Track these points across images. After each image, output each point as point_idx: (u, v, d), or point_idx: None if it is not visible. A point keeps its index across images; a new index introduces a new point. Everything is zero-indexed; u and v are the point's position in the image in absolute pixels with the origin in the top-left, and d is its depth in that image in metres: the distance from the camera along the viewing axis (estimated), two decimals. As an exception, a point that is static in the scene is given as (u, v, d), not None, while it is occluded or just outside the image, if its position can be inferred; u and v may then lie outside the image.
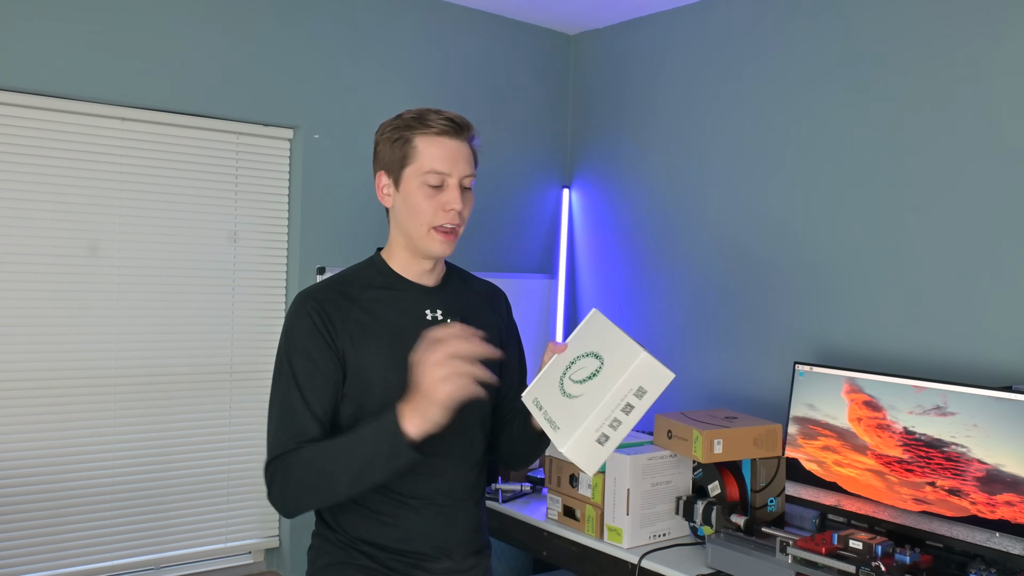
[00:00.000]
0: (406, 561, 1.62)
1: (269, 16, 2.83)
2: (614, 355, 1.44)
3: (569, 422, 1.41)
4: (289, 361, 1.57)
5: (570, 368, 1.50)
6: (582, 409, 1.41)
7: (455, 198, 1.59)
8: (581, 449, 1.39)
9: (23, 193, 2.48)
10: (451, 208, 1.59)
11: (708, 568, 2.21)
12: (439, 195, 1.59)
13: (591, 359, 1.48)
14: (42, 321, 2.51)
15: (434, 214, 1.59)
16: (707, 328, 3.02)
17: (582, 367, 1.48)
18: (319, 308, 1.59)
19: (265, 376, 2.90)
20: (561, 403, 1.46)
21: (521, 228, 3.46)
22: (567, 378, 1.49)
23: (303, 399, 1.55)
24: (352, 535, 1.63)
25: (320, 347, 1.57)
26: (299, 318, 1.59)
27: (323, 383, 1.56)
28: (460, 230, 1.63)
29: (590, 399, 1.41)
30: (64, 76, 2.49)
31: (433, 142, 1.60)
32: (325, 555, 1.66)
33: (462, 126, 1.62)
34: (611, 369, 1.42)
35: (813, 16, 2.74)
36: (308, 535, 1.76)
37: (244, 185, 2.86)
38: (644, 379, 1.40)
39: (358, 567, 1.62)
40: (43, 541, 2.52)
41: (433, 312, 1.67)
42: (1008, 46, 2.30)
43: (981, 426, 2.08)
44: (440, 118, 1.61)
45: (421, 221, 1.60)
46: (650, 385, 1.40)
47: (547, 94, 3.52)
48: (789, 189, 2.80)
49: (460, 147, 1.61)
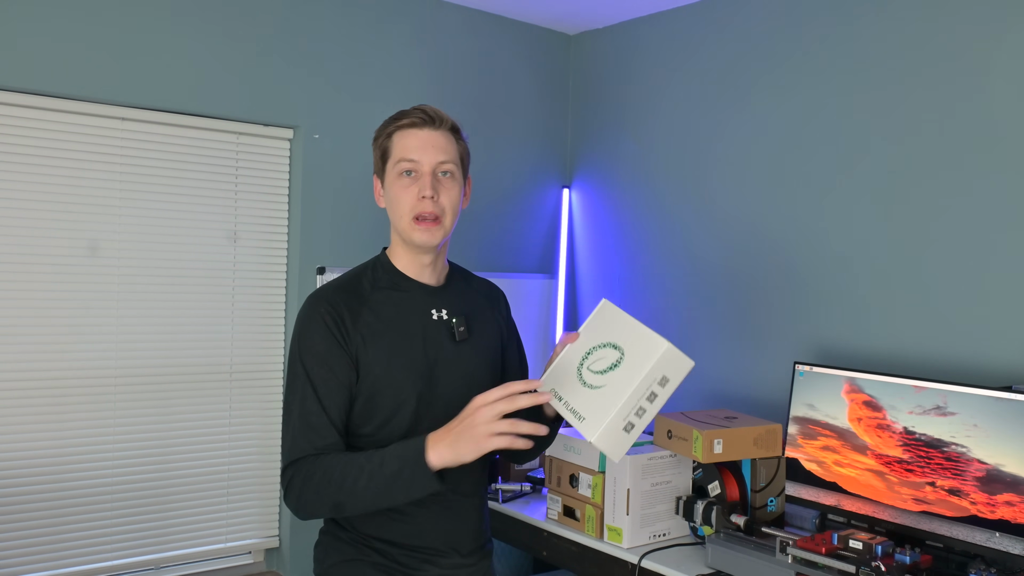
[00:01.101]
0: (417, 556, 1.64)
1: (269, 16, 2.83)
2: (635, 345, 1.48)
3: (596, 412, 1.44)
4: (304, 365, 1.59)
5: (587, 359, 1.53)
6: (608, 399, 1.44)
7: (426, 185, 1.61)
8: (609, 438, 1.42)
9: (23, 193, 2.48)
10: (423, 195, 1.60)
11: (708, 568, 2.21)
12: (413, 185, 1.62)
13: (609, 349, 1.51)
14: (42, 321, 2.51)
15: (412, 204, 1.62)
16: (707, 328, 3.02)
17: (601, 357, 1.51)
18: (332, 311, 1.60)
19: (265, 376, 2.90)
20: (584, 394, 1.49)
21: (521, 228, 3.46)
22: (586, 368, 1.51)
23: (320, 404, 1.57)
24: (363, 532, 1.64)
25: (335, 351, 1.58)
26: (312, 321, 1.60)
27: (338, 387, 1.58)
28: (446, 220, 1.64)
29: (615, 389, 1.44)
30: (64, 76, 2.49)
31: (405, 135, 1.63)
32: (335, 552, 1.67)
33: (434, 117, 1.64)
34: (634, 359, 1.46)
35: (814, 16, 2.74)
36: (308, 535, 1.77)
37: (244, 185, 2.86)
38: (668, 369, 1.45)
39: (369, 564, 1.63)
40: (43, 541, 2.52)
41: (438, 312, 1.68)
42: (1009, 45, 2.30)
43: (981, 426, 2.08)
44: (413, 111, 1.65)
45: (401, 213, 1.63)
46: (672, 374, 1.46)
47: (547, 94, 3.52)
48: (788, 189, 2.80)
49: (431, 136, 1.63)
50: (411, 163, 1.62)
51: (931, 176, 2.45)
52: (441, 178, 1.64)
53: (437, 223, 1.62)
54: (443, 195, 1.63)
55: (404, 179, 1.62)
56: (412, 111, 1.65)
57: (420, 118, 1.64)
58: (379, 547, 1.63)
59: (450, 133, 1.66)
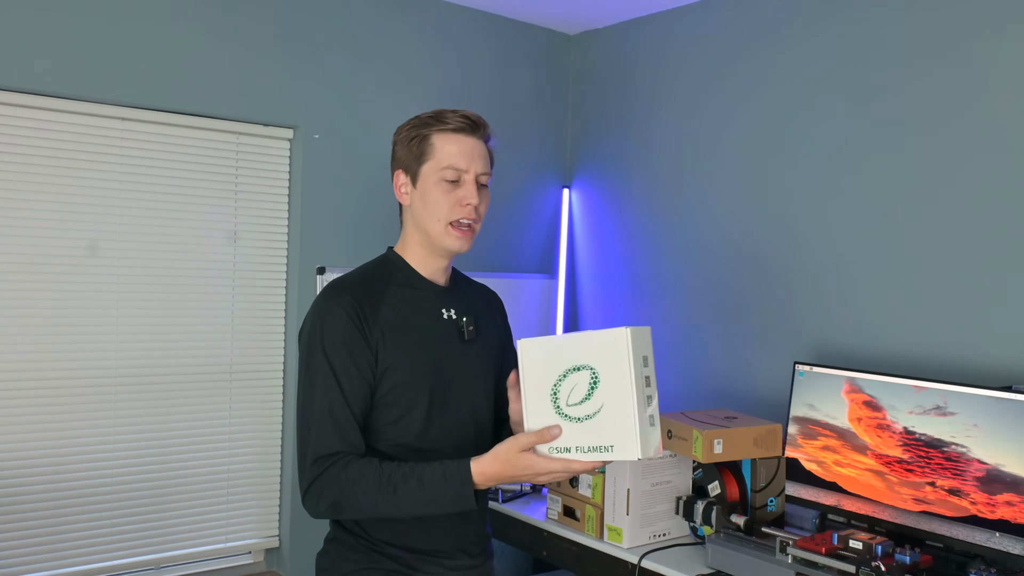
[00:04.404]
0: (430, 560, 1.64)
1: (269, 16, 2.82)
2: (599, 352, 1.42)
3: (619, 434, 1.40)
4: (327, 355, 1.56)
5: (557, 400, 1.46)
6: (618, 413, 1.40)
7: (471, 193, 1.61)
8: (647, 443, 1.40)
9: (23, 193, 2.48)
10: (468, 203, 1.61)
11: (708, 568, 2.21)
12: (456, 191, 1.61)
13: (572, 375, 1.44)
14: (42, 321, 2.51)
15: (451, 209, 1.61)
16: (707, 328, 3.02)
17: (571, 388, 1.44)
18: (355, 303, 1.59)
19: (265, 376, 2.90)
20: (589, 427, 1.43)
21: (521, 228, 3.46)
22: (566, 407, 1.45)
23: (344, 398, 1.56)
24: (376, 538, 1.63)
25: (358, 343, 1.57)
26: (333, 313, 1.58)
27: (360, 381, 1.57)
28: (477, 227, 1.65)
29: (617, 399, 1.40)
30: (64, 76, 2.49)
31: (450, 139, 1.62)
32: (347, 562, 1.65)
33: (478, 124, 1.64)
34: (610, 364, 1.41)
35: (815, 15, 2.74)
36: (308, 535, 1.77)
37: (244, 185, 2.86)
38: (641, 347, 1.43)
39: (383, 571, 1.62)
40: (43, 541, 2.52)
41: (448, 312, 1.69)
42: (1009, 44, 2.30)
43: (981, 426, 2.08)
44: (457, 116, 1.63)
45: (439, 217, 1.62)
46: (646, 349, 1.44)
47: (547, 94, 3.52)
48: (789, 189, 2.79)
49: (476, 144, 1.63)
50: (458, 171, 1.61)
51: (932, 176, 2.45)
52: (480, 187, 1.64)
53: (471, 231, 1.63)
54: (482, 204, 1.64)
55: (446, 184, 1.61)
56: (454, 115, 1.63)
57: (466, 124, 1.62)
58: (393, 553, 1.63)
59: (486, 142, 1.67)
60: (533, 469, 1.45)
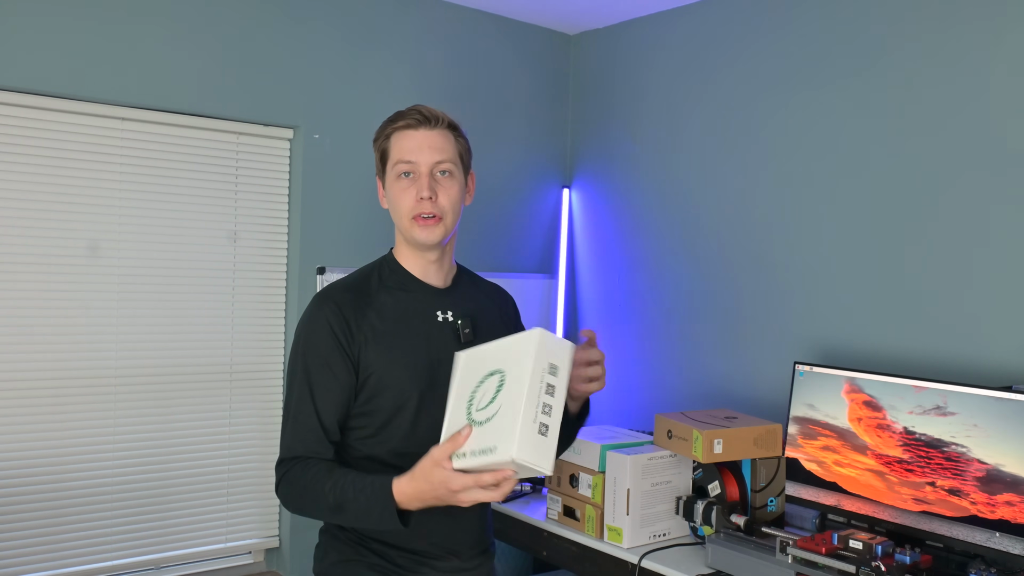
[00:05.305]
0: (415, 559, 1.64)
1: (269, 16, 2.82)
2: (509, 355, 1.40)
3: (503, 434, 1.33)
4: (305, 364, 1.61)
5: (471, 405, 1.42)
6: (507, 414, 1.33)
7: (423, 185, 1.62)
8: (529, 448, 1.31)
9: (23, 193, 2.48)
10: (421, 196, 1.61)
11: (708, 568, 2.21)
12: (412, 186, 1.63)
13: (487, 380, 1.42)
14: (42, 321, 2.51)
15: (411, 206, 1.63)
16: (707, 328, 3.02)
17: (483, 394, 1.41)
18: (338, 312, 1.61)
19: (265, 376, 2.90)
20: (483, 432, 1.36)
21: (521, 228, 3.46)
22: (475, 411, 1.40)
23: (314, 406, 1.59)
24: (362, 533, 1.64)
25: (336, 352, 1.59)
26: (316, 321, 1.62)
27: (338, 389, 1.60)
28: (447, 219, 1.65)
29: (509, 402, 1.34)
30: (64, 76, 2.49)
31: (402, 136, 1.64)
32: (333, 552, 1.68)
33: (429, 117, 1.65)
34: (514, 367, 1.37)
35: (815, 16, 2.74)
36: (308, 535, 1.78)
37: (244, 185, 2.86)
38: (552, 356, 1.37)
39: (366, 564, 1.63)
40: (43, 541, 2.52)
41: (444, 313, 1.69)
42: (1008, 44, 2.30)
43: (981, 426, 2.08)
44: (409, 112, 1.65)
45: (401, 213, 1.65)
46: (558, 359, 1.37)
47: (547, 94, 3.52)
48: (789, 189, 2.79)
49: (428, 136, 1.64)
50: (408, 164, 1.63)
51: (932, 176, 2.45)
52: (440, 178, 1.64)
53: (437, 221, 1.63)
54: (442, 195, 1.64)
55: (403, 180, 1.64)
56: (408, 112, 1.66)
57: (416, 119, 1.64)
58: (376, 548, 1.63)
59: (448, 131, 1.66)
60: (447, 486, 1.41)
